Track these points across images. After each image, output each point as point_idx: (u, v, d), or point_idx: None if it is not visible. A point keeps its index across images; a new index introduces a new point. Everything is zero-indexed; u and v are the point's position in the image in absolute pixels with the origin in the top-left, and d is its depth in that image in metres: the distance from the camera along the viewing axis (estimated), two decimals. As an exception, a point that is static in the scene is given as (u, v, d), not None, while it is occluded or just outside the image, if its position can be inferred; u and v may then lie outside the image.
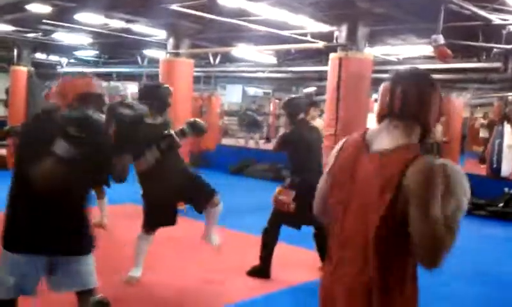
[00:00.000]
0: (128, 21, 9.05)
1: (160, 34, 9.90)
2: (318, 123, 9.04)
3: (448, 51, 6.45)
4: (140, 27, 9.58)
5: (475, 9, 6.48)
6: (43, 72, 15.30)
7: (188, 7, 7.25)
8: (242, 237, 6.74)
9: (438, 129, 13.59)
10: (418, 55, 10.54)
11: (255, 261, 5.27)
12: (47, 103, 13.24)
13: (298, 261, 5.87)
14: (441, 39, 6.30)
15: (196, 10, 7.36)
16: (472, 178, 8.12)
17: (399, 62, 10.78)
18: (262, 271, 5.24)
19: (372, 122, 10.06)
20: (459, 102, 14.61)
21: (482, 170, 12.17)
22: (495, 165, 10.24)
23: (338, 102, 6.45)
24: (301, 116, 5.41)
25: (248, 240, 6.37)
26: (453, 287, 5.55)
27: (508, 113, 10.63)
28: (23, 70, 12.06)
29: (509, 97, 14.27)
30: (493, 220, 9.32)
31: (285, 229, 5.31)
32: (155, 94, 4.88)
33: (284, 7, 6.98)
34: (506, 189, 9.54)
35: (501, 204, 9.50)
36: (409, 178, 1.82)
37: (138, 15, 8.67)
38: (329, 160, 2.20)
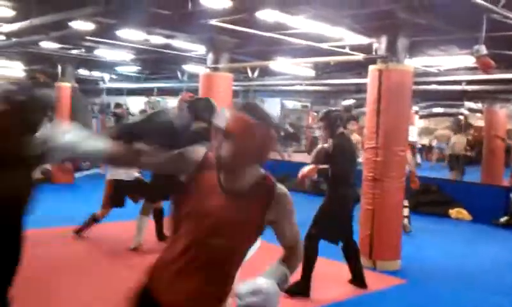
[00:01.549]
0: (168, 36, 9.20)
1: (199, 49, 10.01)
2: (354, 137, 8.96)
3: (491, 61, 6.30)
4: (180, 43, 9.71)
5: (519, 18, 6.33)
6: (87, 88, 15.68)
7: (227, 22, 7.32)
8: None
9: (460, 140, 13.36)
10: (460, 66, 10.34)
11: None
12: (90, 117, 13.49)
13: (331, 275, 5.80)
14: (483, 50, 6.16)
15: (235, 25, 7.43)
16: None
17: (440, 73, 10.61)
18: (302, 289, 5.14)
19: (413, 134, 9.90)
20: (502, 114, 14.26)
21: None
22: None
23: (378, 114, 6.37)
24: (341, 129, 5.35)
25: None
26: (492, 302, 5.39)
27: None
28: (67, 86, 12.37)
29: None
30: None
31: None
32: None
33: (321, 20, 6.96)
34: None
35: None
36: None
37: (178, 31, 8.80)
38: None
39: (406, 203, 7.91)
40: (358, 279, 5.47)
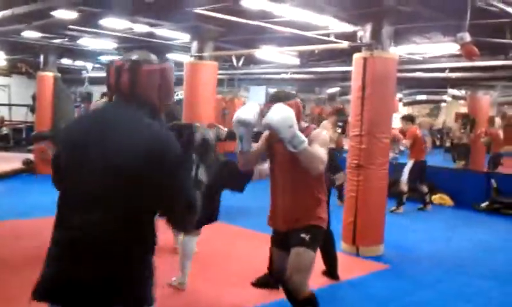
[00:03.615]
0: (152, 25, 9.13)
1: (184, 37, 9.96)
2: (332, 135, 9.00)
3: (475, 49, 6.35)
4: (164, 31, 9.65)
5: (502, 6, 6.38)
6: (69, 78, 15.52)
7: (211, 10, 7.28)
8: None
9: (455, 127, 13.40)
10: (444, 53, 10.41)
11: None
12: (72, 107, 13.37)
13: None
14: (467, 37, 6.21)
15: (220, 13, 7.39)
16: (501, 177, 8.09)
17: (424, 61, 10.67)
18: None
19: (397, 122, 9.97)
20: (485, 101, 14.39)
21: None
22: (524, 164, 10.07)
23: (363, 102, 6.40)
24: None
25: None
26: (475, 286, 5.48)
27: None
28: (49, 75, 12.24)
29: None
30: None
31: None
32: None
33: (307, 8, 6.96)
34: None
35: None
36: None
37: (162, 19, 8.74)
38: None
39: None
40: (331, 270, 5.40)
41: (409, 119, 9.87)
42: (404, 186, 9.31)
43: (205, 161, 2.15)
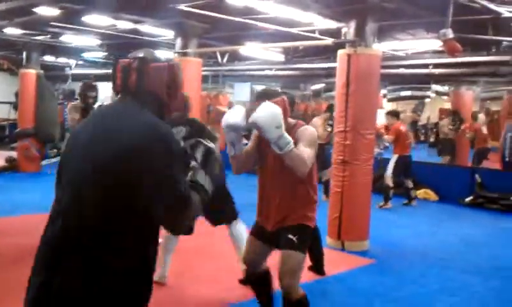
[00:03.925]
0: (135, 22, 9.08)
1: (168, 34, 9.92)
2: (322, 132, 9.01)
3: (458, 45, 6.41)
4: (148, 28, 9.60)
5: (484, 3, 6.44)
6: (52, 75, 15.38)
7: (195, 6, 7.26)
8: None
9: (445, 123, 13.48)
10: (427, 49, 10.49)
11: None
12: (56, 104, 13.23)
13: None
14: (450, 33, 6.26)
15: (204, 9, 7.37)
16: (485, 172, 8.16)
17: (408, 57, 10.74)
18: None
19: (381, 118, 10.02)
20: (468, 96, 14.51)
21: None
22: (506, 159, 10.18)
23: (347, 98, 6.42)
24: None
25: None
26: (460, 280, 5.53)
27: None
28: (32, 72, 12.12)
29: (519, 90, 14.20)
30: (506, 213, 9.27)
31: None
32: None
33: (291, 5, 6.97)
34: (518, 182, 9.49)
35: (513, 198, 9.45)
36: None
37: (146, 16, 8.69)
38: None
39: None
40: (317, 266, 5.42)
41: (394, 114, 9.93)
42: (389, 181, 9.37)
43: (207, 169, 2.08)
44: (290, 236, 3.26)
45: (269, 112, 3.02)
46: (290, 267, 3.26)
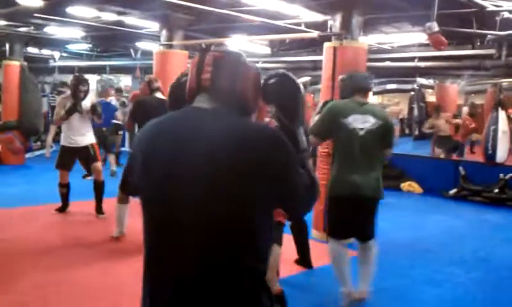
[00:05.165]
0: (120, 13, 9.00)
1: (153, 26, 9.85)
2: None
3: (443, 38, 6.43)
4: (133, 20, 9.52)
5: (469, -4, 6.48)
6: (36, 67, 15.22)
7: (181, -2, 7.22)
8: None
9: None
10: (413, 43, 10.53)
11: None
12: (39, 96, 13.07)
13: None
14: (435, 27, 6.28)
15: (189, 1, 7.32)
16: (469, 165, 8.17)
17: (393, 50, 10.77)
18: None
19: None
20: (453, 89, 14.62)
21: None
22: (489, 152, 10.26)
23: (333, 91, 6.42)
24: None
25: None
26: (445, 272, 5.58)
27: (502, 99, 10.62)
28: (15, 64, 11.97)
29: (503, 83, 14.31)
30: (489, 206, 9.37)
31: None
32: None
33: (277, -3, 6.96)
34: (501, 175, 9.57)
35: (496, 190, 9.54)
36: None
37: (130, 7, 8.62)
38: None
39: None
40: (303, 259, 5.43)
41: None
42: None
43: None
44: None
45: None
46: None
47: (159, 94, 5.82)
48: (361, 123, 4.00)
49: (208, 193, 1.53)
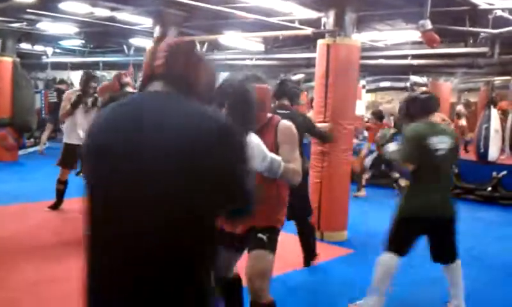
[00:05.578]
0: (113, 9, 8.96)
1: (146, 22, 9.82)
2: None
3: (436, 36, 6.45)
4: (126, 16, 9.49)
5: (462, -6, 6.49)
6: (29, 63, 15.14)
7: (174, -6, 7.20)
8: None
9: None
10: (406, 40, 10.54)
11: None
12: (32, 92, 13.01)
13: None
14: (428, 25, 6.30)
15: (183, -2, 7.31)
16: (462, 163, 8.14)
17: (387, 48, 10.78)
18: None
19: (360, 108, 10.03)
20: (446, 87, 14.65)
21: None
22: (482, 150, 10.28)
23: (326, 88, 6.42)
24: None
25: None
26: (437, 269, 5.59)
27: (495, 98, 10.65)
28: (8, 60, 11.90)
29: (496, 82, 14.36)
30: (482, 204, 9.40)
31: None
32: None
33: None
34: (494, 173, 9.61)
35: (489, 189, 9.58)
36: None
37: (123, 3, 8.58)
38: None
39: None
40: (307, 259, 5.43)
41: (378, 117, 9.83)
42: (366, 170, 9.43)
43: None
44: (260, 235, 3.10)
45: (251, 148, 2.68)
46: (261, 268, 3.08)
47: (129, 89, 5.96)
48: (440, 143, 4.14)
49: (157, 192, 1.53)
